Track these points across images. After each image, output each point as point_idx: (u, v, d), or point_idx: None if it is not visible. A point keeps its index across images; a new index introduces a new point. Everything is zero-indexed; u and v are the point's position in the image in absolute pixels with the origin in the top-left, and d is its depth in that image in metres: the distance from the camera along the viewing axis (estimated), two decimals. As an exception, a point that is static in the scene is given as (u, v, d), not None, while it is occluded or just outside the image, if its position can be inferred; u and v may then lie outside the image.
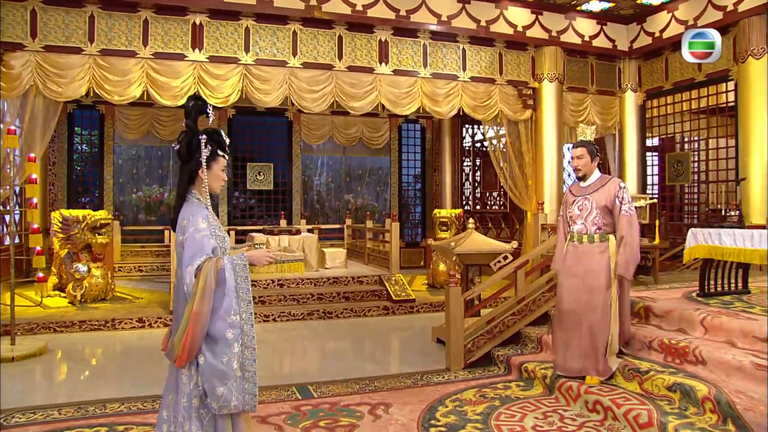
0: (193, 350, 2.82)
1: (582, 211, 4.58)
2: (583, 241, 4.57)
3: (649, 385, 4.25)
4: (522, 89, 9.93)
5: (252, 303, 2.97)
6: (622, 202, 4.42)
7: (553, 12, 9.69)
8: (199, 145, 3.00)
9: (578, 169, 4.65)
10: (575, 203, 4.66)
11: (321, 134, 13.68)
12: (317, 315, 8.50)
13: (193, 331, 2.79)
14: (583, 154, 4.62)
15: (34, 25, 7.72)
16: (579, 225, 4.60)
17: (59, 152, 11.54)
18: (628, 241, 4.35)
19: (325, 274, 9.95)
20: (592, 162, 4.63)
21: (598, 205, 4.48)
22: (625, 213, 4.39)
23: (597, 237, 4.49)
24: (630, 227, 4.38)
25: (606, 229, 4.48)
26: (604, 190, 4.50)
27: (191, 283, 2.84)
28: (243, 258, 2.95)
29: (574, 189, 4.77)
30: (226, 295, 2.86)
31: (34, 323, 7.23)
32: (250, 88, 8.54)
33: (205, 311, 2.81)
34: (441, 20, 9.17)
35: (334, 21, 8.80)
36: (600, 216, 4.47)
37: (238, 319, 2.88)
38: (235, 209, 13.37)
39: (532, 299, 6.22)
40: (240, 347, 2.87)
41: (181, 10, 8.14)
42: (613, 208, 4.44)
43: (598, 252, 4.48)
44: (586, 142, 4.69)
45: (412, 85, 9.32)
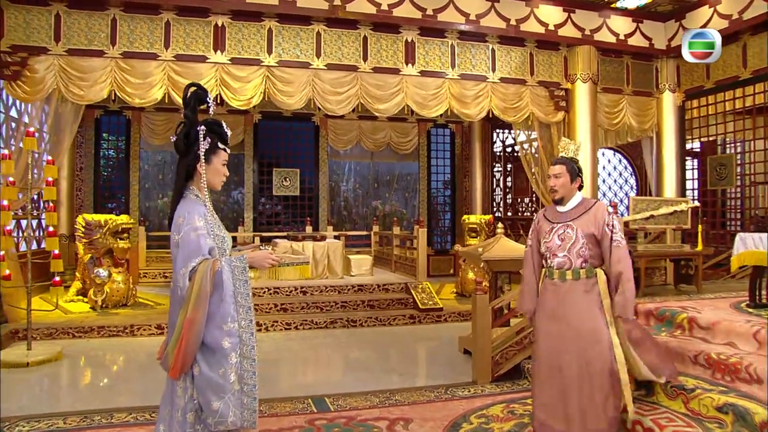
0: (187, 360, 2.58)
1: (564, 240, 3.73)
2: (566, 277, 3.70)
3: (695, 405, 3.84)
4: (554, 90, 9.55)
5: (252, 310, 2.72)
6: (613, 230, 3.65)
7: (587, 10, 9.30)
8: (197, 137, 2.77)
9: (555, 190, 3.80)
10: (554, 231, 3.79)
11: (348, 139, 13.47)
12: (340, 323, 8.26)
13: (187, 340, 2.55)
14: (561, 173, 3.78)
15: (58, 29, 7.68)
16: (560, 257, 3.72)
17: (86, 158, 11.55)
18: (627, 276, 3.59)
19: (350, 281, 9.73)
20: (573, 182, 3.79)
21: (585, 234, 3.67)
22: (617, 244, 3.62)
23: (583, 272, 3.68)
24: (626, 260, 3.63)
25: (593, 261, 3.70)
26: (589, 216, 3.71)
27: (185, 286, 2.60)
28: (242, 260, 2.69)
29: (550, 214, 3.91)
30: (223, 301, 2.61)
31: (53, 328, 7.15)
32: (273, 90, 8.36)
33: (200, 318, 2.56)
34: (469, 19, 8.87)
35: (359, 21, 8.58)
36: (587, 246, 3.68)
37: (236, 327, 2.62)
38: (261, 216, 13.21)
39: (565, 307, 5.86)
40: (238, 358, 2.61)
41: (203, 12, 8.02)
42: (602, 238, 3.66)
43: (583, 290, 3.67)
44: (566, 159, 3.86)
45: (439, 87, 9.04)
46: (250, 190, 12.88)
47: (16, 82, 7.52)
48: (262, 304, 8.43)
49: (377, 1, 8.45)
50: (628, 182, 14.61)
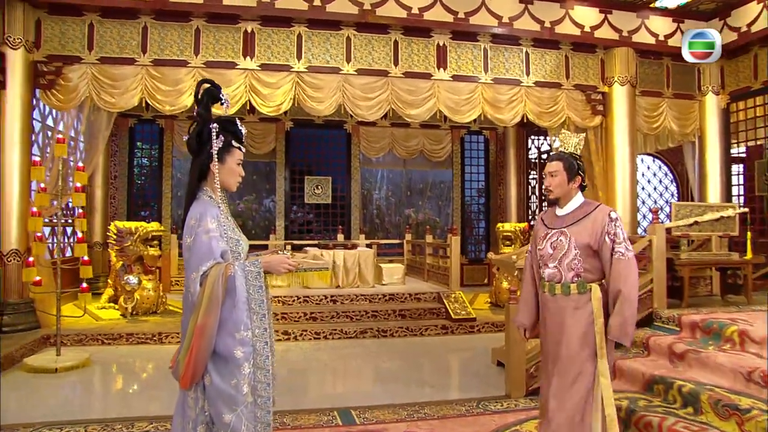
0: (198, 369, 2.43)
1: (556, 249, 3.24)
2: (555, 291, 3.23)
3: (752, 427, 3.54)
4: (590, 94, 9.26)
5: (267, 317, 2.54)
6: (615, 240, 3.10)
7: (624, 11, 9.00)
8: (210, 136, 2.64)
9: (549, 190, 3.32)
10: (547, 238, 3.31)
11: (380, 147, 13.32)
12: (371, 333, 8.09)
13: (198, 348, 2.40)
14: (557, 170, 3.26)
15: (91, 38, 7.77)
16: (551, 269, 3.25)
17: (120, 166, 11.66)
18: (627, 295, 3.03)
19: (381, 290, 9.56)
20: (571, 182, 3.25)
21: (579, 243, 3.17)
22: (620, 256, 3.08)
23: (574, 287, 3.17)
24: (628, 276, 3.06)
25: (587, 276, 3.17)
26: (587, 223, 3.18)
27: (196, 292, 2.45)
28: (257, 264, 2.53)
29: (548, 218, 3.41)
30: (236, 307, 2.45)
31: (83, 334, 7.15)
32: (303, 96, 8.29)
33: (211, 325, 2.40)
34: (502, 22, 8.67)
35: (390, 25, 8.46)
36: (580, 258, 3.16)
37: (249, 335, 2.46)
38: (292, 224, 13.15)
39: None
40: (251, 368, 2.45)
41: (233, 18, 8.01)
42: (601, 249, 3.13)
43: (573, 308, 3.16)
44: (564, 154, 3.32)
45: (472, 91, 8.84)
46: (281, 198, 12.83)
47: (50, 90, 7.62)
48: (291, 313, 8.32)
49: (407, 5, 8.32)
50: (668, 189, 14.12)
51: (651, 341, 5.28)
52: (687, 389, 4.18)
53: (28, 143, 7.52)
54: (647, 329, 5.67)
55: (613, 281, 3.10)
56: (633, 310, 3.07)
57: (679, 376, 4.50)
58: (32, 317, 7.21)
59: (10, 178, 7.23)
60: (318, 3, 8.06)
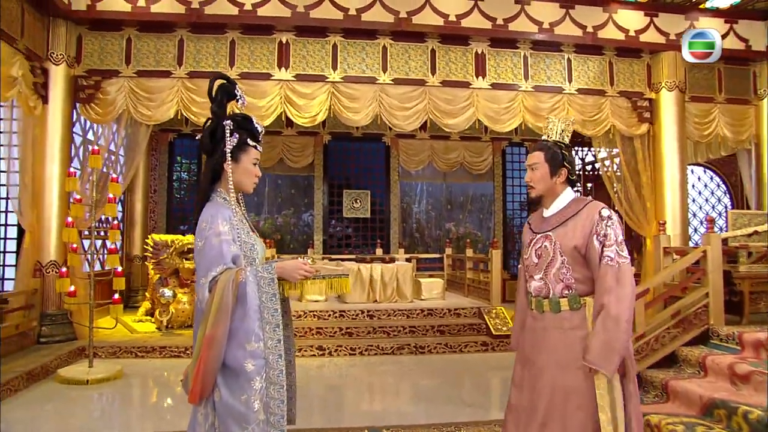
0: (206, 384, 2.25)
1: (541, 258, 2.71)
2: (543, 308, 2.69)
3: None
4: (636, 101, 8.87)
5: (281, 327, 2.33)
6: (605, 242, 2.54)
7: (671, 13, 8.61)
8: (223, 133, 2.49)
9: (531, 186, 2.82)
10: (532, 245, 2.79)
11: (420, 159, 13.12)
12: (408, 349, 7.84)
13: (206, 360, 2.22)
14: (537, 163, 2.78)
15: (129, 52, 7.84)
16: (537, 281, 2.73)
17: (160, 180, 11.77)
18: (613, 310, 2.44)
19: (419, 305, 9.30)
20: (555, 175, 2.75)
21: (565, 248, 2.62)
22: (608, 261, 2.51)
23: (565, 302, 2.62)
24: (618, 286, 2.47)
25: (580, 288, 2.62)
26: (575, 223, 2.64)
27: (204, 299, 2.29)
28: (270, 270, 2.35)
29: (534, 221, 2.89)
30: (247, 316, 2.27)
31: (117, 347, 7.13)
32: (339, 107, 8.17)
33: (221, 335, 2.23)
34: (542, 28, 8.40)
35: (426, 34, 8.29)
36: (568, 266, 2.63)
37: (261, 347, 2.28)
38: (331, 238, 13.03)
39: (653, 336, 5.22)
40: (263, 383, 2.26)
41: (268, 29, 7.97)
42: (589, 253, 2.58)
43: (566, 327, 2.61)
44: (546, 143, 2.83)
45: (512, 100, 8.57)
46: (319, 212, 12.74)
47: (89, 104, 7.70)
48: (326, 328, 8.15)
49: (444, 12, 8.15)
50: (721, 201, 13.47)
51: (708, 361, 4.88)
52: (755, 416, 3.80)
53: (68, 156, 7.60)
54: (703, 347, 5.27)
55: (597, 293, 2.53)
56: (620, 332, 2.43)
57: (743, 400, 4.11)
58: (69, 328, 7.23)
59: (49, 190, 7.33)
60: (353, 12, 7.96)
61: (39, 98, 7.29)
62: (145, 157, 10.94)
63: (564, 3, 8.44)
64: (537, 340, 2.70)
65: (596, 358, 2.44)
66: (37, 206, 7.27)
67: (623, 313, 2.44)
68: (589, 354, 2.46)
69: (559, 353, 2.59)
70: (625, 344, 2.47)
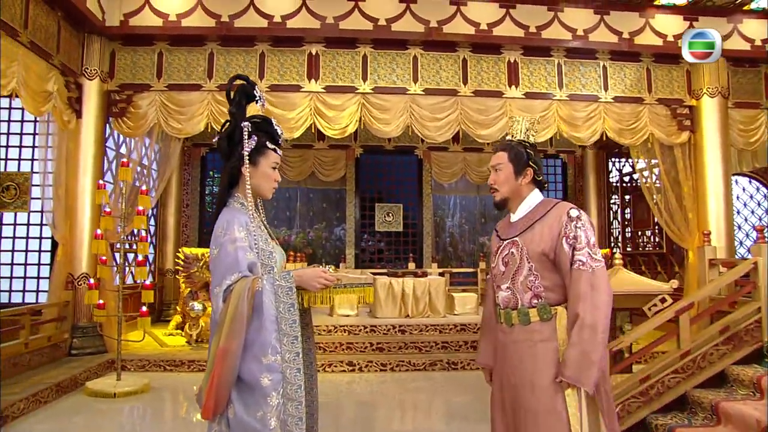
0: (220, 399, 2.12)
1: (508, 266, 2.51)
2: (512, 321, 2.47)
3: None
4: (676, 108, 8.56)
5: (299, 340, 2.20)
6: (575, 245, 2.33)
7: (712, 16, 8.30)
8: (242, 136, 2.38)
9: (494, 188, 2.61)
10: (499, 252, 2.59)
11: (452, 172, 12.91)
12: (440, 365, 7.62)
13: (220, 374, 2.09)
14: (501, 163, 2.59)
15: (160, 66, 7.91)
16: (504, 291, 2.52)
17: (192, 194, 11.84)
18: (588, 319, 2.24)
19: (452, 320, 9.08)
20: (520, 176, 2.56)
21: (532, 254, 2.42)
22: (580, 266, 2.30)
23: (534, 313, 2.41)
24: (593, 292, 2.27)
25: (550, 296, 2.40)
26: (542, 226, 2.44)
27: (218, 309, 2.17)
28: (288, 278, 2.22)
29: (502, 228, 2.70)
30: (263, 328, 2.15)
31: (146, 360, 7.09)
32: (369, 118, 8.08)
33: (235, 348, 2.10)
34: (576, 35, 8.20)
35: (457, 43, 8.17)
36: (536, 273, 2.41)
37: (278, 360, 2.14)
38: (363, 252, 12.92)
39: (700, 353, 4.91)
40: (280, 399, 2.11)
41: (297, 41, 7.95)
42: (559, 258, 2.37)
43: (539, 340, 2.38)
44: (510, 143, 2.64)
45: (546, 109, 8.36)
46: (351, 226, 12.65)
47: (121, 118, 7.77)
48: (357, 343, 8.00)
49: (475, 21, 8.02)
50: (769, 213, 12.94)
51: (764, 381, 4.56)
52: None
53: (101, 170, 7.66)
54: (757, 367, 4.93)
55: (571, 301, 2.31)
56: (597, 342, 2.22)
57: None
58: (100, 341, 7.24)
59: (82, 203, 7.39)
60: (383, 23, 7.89)
61: (73, 112, 7.39)
62: (177, 172, 11.02)
63: (599, 9, 8.23)
64: (508, 356, 2.49)
65: (574, 372, 2.23)
66: (70, 219, 7.33)
67: (600, 322, 2.24)
68: (566, 368, 2.26)
69: (525, 368, 2.39)
70: (603, 355, 2.28)
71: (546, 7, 8.17)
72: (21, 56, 6.25)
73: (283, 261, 2.49)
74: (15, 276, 8.07)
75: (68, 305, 7.11)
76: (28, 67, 6.40)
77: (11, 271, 8.07)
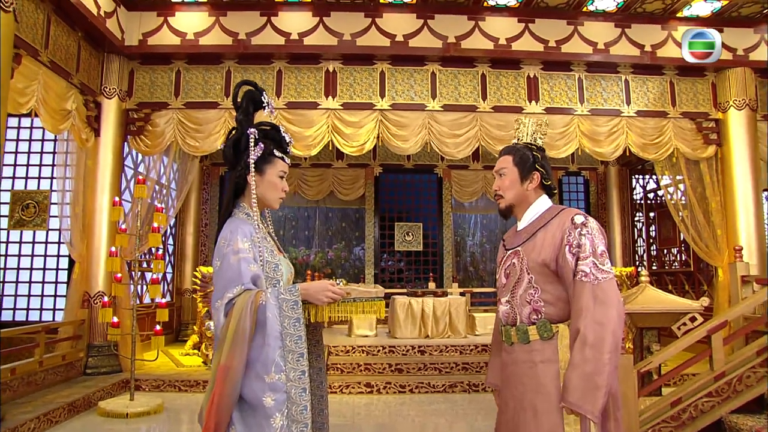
0: (221, 419, 1.97)
1: (509, 278, 2.30)
2: (511, 338, 2.27)
3: None
4: (701, 122, 8.34)
5: (305, 357, 2.05)
6: (579, 254, 2.10)
7: (737, 27, 8.08)
8: (248, 143, 2.28)
9: (500, 195, 2.40)
10: (502, 264, 2.39)
11: (473, 191, 12.74)
12: (461, 387, 7.40)
13: (221, 393, 1.95)
14: (505, 168, 2.38)
15: (178, 85, 7.94)
16: (503, 305, 2.33)
17: (211, 213, 11.82)
18: (590, 336, 2.00)
19: (473, 341, 8.87)
20: (526, 180, 2.35)
21: (532, 264, 2.20)
22: (582, 277, 2.07)
23: (533, 331, 2.18)
24: (596, 306, 2.02)
25: (551, 312, 2.17)
26: (544, 234, 2.22)
27: (220, 324, 2.04)
28: (293, 292, 2.08)
29: (508, 237, 2.47)
30: (267, 344, 2.00)
31: (161, 380, 6.99)
32: (387, 135, 8.00)
33: (237, 365, 1.97)
34: (597, 49, 8.06)
35: (476, 58, 8.08)
36: (536, 285, 2.19)
37: (282, 378, 1.99)
38: (383, 272, 12.76)
39: (736, 376, 4.65)
40: (284, 420, 1.97)
41: (315, 59, 7.94)
42: (561, 269, 2.14)
43: (539, 361, 2.15)
44: (516, 146, 2.43)
45: (567, 124, 8.21)
46: (371, 246, 12.51)
47: (139, 136, 7.78)
48: (375, 364, 7.82)
49: (494, 36, 7.94)
50: (800, 231, 12.54)
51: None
52: None
53: (118, 188, 7.67)
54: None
55: (572, 316, 2.08)
56: (603, 363, 1.96)
57: None
58: (115, 360, 7.17)
59: (99, 221, 7.38)
60: (400, 39, 7.85)
61: (91, 131, 7.42)
62: (196, 191, 11.04)
63: (619, 22, 8.09)
64: (509, 378, 2.28)
65: (578, 398, 1.97)
66: (87, 237, 7.32)
67: (606, 339, 1.98)
68: (567, 393, 2.00)
69: (530, 392, 2.15)
70: (611, 378, 1.99)
71: (565, 21, 8.05)
72: (41, 75, 6.30)
73: (290, 275, 2.37)
74: (33, 294, 8.08)
75: (84, 324, 7.06)
76: (48, 85, 6.45)
77: (29, 289, 8.08)
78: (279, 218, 12.93)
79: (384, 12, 7.87)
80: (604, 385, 1.96)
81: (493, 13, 7.98)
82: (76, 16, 6.75)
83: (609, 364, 1.97)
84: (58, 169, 7.49)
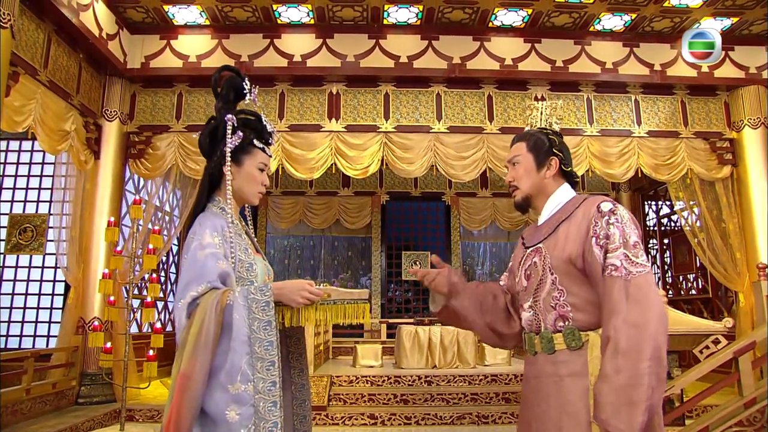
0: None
1: (530, 279, 2.00)
2: (534, 348, 1.97)
3: None
4: (715, 141, 8.11)
5: (277, 366, 1.78)
6: (607, 245, 1.79)
7: (748, 45, 7.92)
8: (225, 132, 2.07)
9: (514, 186, 2.13)
10: (522, 264, 2.09)
11: (482, 219, 12.50)
12: (469, 419, 7.04)
13: (179, 405, 1.69)
14: (519, 155, 2.12)
15: (180, 108, 7.86)
16: (526, 311, 2.01)
17: (213, 240, 11.64)
18: (623, 341, 1.67)
19: (483, 371, 8.51)
20: (543, 167, 2.08)
21: (556, 262, 1.90)
22: (612, 271, 1.76)
23: (559, 339, 1.88)
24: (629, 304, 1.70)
25: (579, 317, 1.86)
26: (568, 227, 1.92)
27: (181, 326, 1.78)
28: (265, 291, 1.83)
29: (527, 234, 2.18)
30: (232, 350, 1.75)
31: (156, 410, 6.67)
32: (391, 158, 7.82)
33: (197, 373, 1.71)
34: (605, 68, 7.90)
35: (482, 79, 7.94)
36: (562, 287, 1.89)
37: (249, 389, 1.74)
38: (390, 302, 12.47)
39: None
40: None
41: (317, 81, 7.84)
42: (589, 264, 1.83)
43: (566, 375, 1.84)
44: (529, 132, 2.19)
45: (576, 145, 7.99)
46: (377, 275, 12.24)
47: (139, 159, 7.66)
48: (380, 394, 7.49)
49: (500, 57, 7.81)
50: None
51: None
52: None
53: (118, 211, 7.51)
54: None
55: (603, 320, 1.76)
56: (640, 374, 1.63)
57: None
58: (109, 390, 6.88)
59: (97, 245, 7.20)
60: (405, 60, 7.74)
61: (91, 153, 7.30)
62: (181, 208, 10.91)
63: (627, 41, 7.96)
64: (531, 394, 1.97)
65: (609, 415, 1.63)
66: (84, 261, 7.13)
67: (643, 345, 1.64)
68: (598, 410, 1.66)
69: (555, 411, 1.82)
70: (653, 392, 1.64)
71: (572, 40, 7.93)
72: (39, 95, 6.20)
73: (268, 278, 2.13)
74: (26, 320, 7.86)
75: (77, 351, 6.81)
76: (46, 105, 6.35)
77: (23, 316, 7.87)
78: (284, 247, 12.73)
79: (388, 33, 7.78)
80: (643, 401, 1.62)
81: (498, 33, 7.87)
82: (77, 38, 6.71)
83: (648, 374, 1.63)
84: (56, 192, 7.35)
